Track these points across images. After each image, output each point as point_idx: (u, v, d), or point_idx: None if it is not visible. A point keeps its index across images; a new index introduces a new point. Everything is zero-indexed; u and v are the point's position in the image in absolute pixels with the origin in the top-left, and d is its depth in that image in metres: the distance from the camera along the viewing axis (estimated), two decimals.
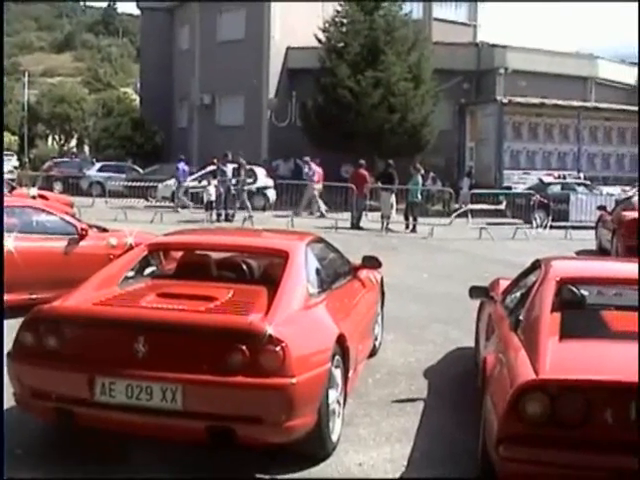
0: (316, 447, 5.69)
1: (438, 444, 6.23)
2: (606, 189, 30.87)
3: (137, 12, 59.22)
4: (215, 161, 28.25)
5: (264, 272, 6.98)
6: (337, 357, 5.96)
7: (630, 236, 17.33)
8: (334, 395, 5.87)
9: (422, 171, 27.33)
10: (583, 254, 19.52)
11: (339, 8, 36.16)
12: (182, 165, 30.95)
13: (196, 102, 44.52)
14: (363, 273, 8.29)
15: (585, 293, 6.79)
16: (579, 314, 6.03)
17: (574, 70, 42.19)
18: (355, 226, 24.81)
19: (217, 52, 42.80)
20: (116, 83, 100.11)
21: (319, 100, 34.55)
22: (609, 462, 4.51)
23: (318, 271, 6.91)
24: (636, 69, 48.04)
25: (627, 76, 46.67)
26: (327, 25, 35.92)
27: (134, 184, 32.37)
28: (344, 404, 6.26)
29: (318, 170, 28.23)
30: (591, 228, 22.36)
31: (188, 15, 46.84)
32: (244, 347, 5.12)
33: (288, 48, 41.03)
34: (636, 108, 39.55)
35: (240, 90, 41.79)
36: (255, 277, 6.95)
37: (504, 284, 8.08)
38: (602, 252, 19.63)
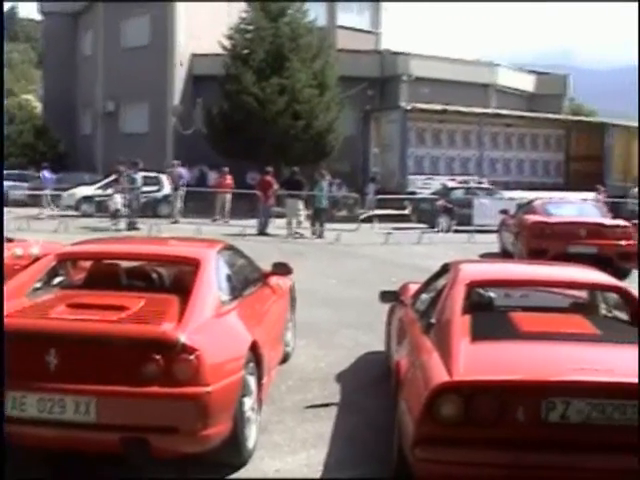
0: (232, 455, 5.68)
1: (353, 448, 6.27)
2: (508, 193, 31.51)
3: (39, 17, 57.97)
4: (120, 169, 27.84)
5: (175, 280, 6.92)
6: (251, 364, 5.96)
7: (532, 239, 17.71)
8: (249, 402, 5.87)
9: (328, 177, 27.51)
10: (487, 257, 19.89)
11: (244, 15, 36.09)
12: (46, 173, 30.76)
13: (100, 109, 43.93)
14: (273, 280, 8.29)
15: (493, 295, 6.94)
16: (488, 316, 6.15)
17: (475, 77, 43.01)
18: (262, 233, 24.80)
19: (121, 58, 42.29)
20: (17, 90, 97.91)
21: (224, 107, 34.42)
22: (523, 460, 4.60)
23: (229, 278, 6.88)
24: (533, 76, 49.24)
25: (526, 83, 47.80)
26: (232, 32, 35.81)
27: (37, 193, 31.73)
28: (259, 411, 6.26)
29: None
30: (494, 232, 22.75)
31: (92, 20, 46.17)
32: (157, 357, 5.06)
33: (193, 54, 40.80)
34: (534, 114, 40.60)
35: (144, 97, 41.38)
36: (166, 286, 6.88)
37: (414, 288, 8.16)
38: (505, 255, 20.00)
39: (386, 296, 7.76)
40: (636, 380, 4.76)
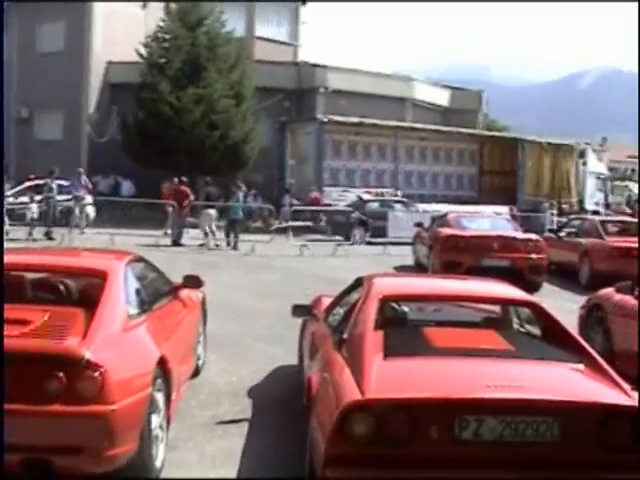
0: (139, 474, 5.50)
1: (263, 465, 6.18)
2: (422, 206, 31.81)
3: None
4: (32, 177, 27.21)
5: (82, 293, 6.70)
6: (159, 380, 5.81)
7: (446, 252, 17.87)
8: (157, 420, 5.72)
9: (243, 188, 27.39)
10: (402, 270, 20.02)
11: (162, 23, 35.76)
12: None
13: (13, 115, 42.97)
14: (184, 292, 8.14)
15: (406, 310, 6.92)
16: (402, 331, 6.12)
17: (392, 91, 43.34)
18: (176, 243, 24.53)
19: (36, 64, 41.37)
20: None
21: (140, 116, 34.00)
22: (438, 479, 4.56)
23: (138, 291, 6.72)
24: (448, 91, 49.89)
25: (441, 98, 48.37)
26: (149, 40, 35.44)
27: None
28: (167, 428, 6.11)
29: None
30: (408, 244, 22.91)
31: (6, 23, 45.13)
32: (61, 373, 4.89)
33: (109, 62, 40.24)
34: (449, 129, 41.10)
35: (59, 104, 40.57)
36: (73, 299, 6.65)
37: (326, 302, 8.10)
38: (419, 268, 20.15)
39: (298, 310, 7.68)
40: (547, 397, 4.78)
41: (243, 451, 6.44)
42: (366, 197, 32.31)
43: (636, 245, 18.58)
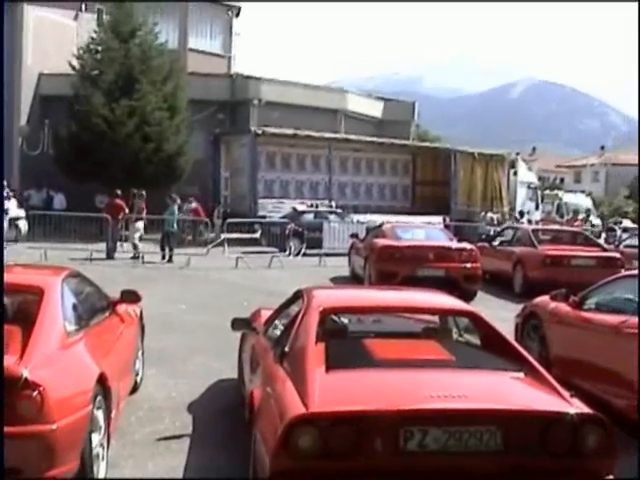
0: None
1: None
2: (357, 217, 31.95)
3: None
4: None
5: (18, 311, 6.57)
6: (99, 398, 5.74)
7: (382, 262, 17.97)
8: (97, 438, 5.64)
9: (178, 201, 27.23)
10: (338, 281, 20.08)
11: (94, 35, 35.37)
12: None
13: None
14: (122, 307, 8.06)
15: (346, 322, 6.93)
16: (343, 344, 6.12)
17: (325, 103, 43.48)
18: (110, 257, 24.26)
19: None
20: None
21: (72, 128, 33.53)
22: None
23: (75, 307, 6.63)
24: (381, 103, 50.22)
25: (374, 109, 48.65)
26: (81, 52, 35.00)
27: None
28: (108, 446, 6.02)
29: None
30: (344, 255, 23.01)
31: None
32: None
33: (41, 74, 39.66)
34: (382, 140, 41.39)
35: None
36: (8, 316, 6.53)
37: (266, 314, 8.08)
38: (355, 278, 20.24)
39: (238, 324, 7.64)
40: (490, 406, 4.83)
41: (185, 468, 6.38)
42: (301, 208, 32.32)
43: (568, 253, 18.97)
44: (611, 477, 4.87)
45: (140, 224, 25.62)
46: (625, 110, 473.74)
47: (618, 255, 19.75)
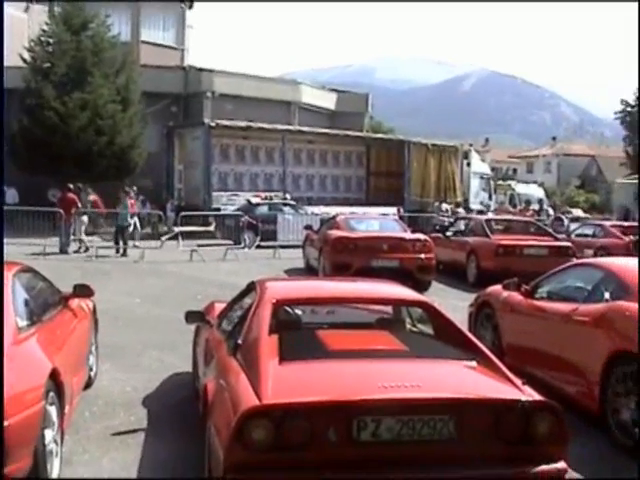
0: None
1: (162, 475, 6.09)
2: (311, 209, 32.00)
3: None
4: None
5: None
6: (51, 393, 5.66)
7: (336, 254, 18.00)
8: (50, 434, 5.57)
9: (132, 194, 27.07)
10: (292, 273, 20.10)
11: (45, 27, 34.94)
12: None
13: None
14: (75, 302, 8.00)
15: (300, 313, 6.94)
16: (296, 335, 6.14)
17: (279, 95, 43.46)
18: (64, 252, 24.05)
19: None
20: None
21: (24, 122, 33.16)
22: None
23: (27, 303, 6.56)
24: (335, 94, 50.27)
25: (328, 101, 48.70)
26: (32, 44, 34.58)
27: None
28: (62, 442, 5.97)
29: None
30: (298, 247, 23.03)
31: None
32: None
33: None
34: (336, 132, 41.45)
35: None
36: None
37: (219, 307, 8.06)
38: (310, 270, 20.27)
39: (191, 317, 7.61)
40: (442, 395, 4.88)
41: (140, 462, 6.35)
42: (255, 201, 32.31)
43: (520, 242, 19.18)
44: (563, 463, 4.94)
45: (85, 218, 25.48)
46: (576, 101, 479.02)
47: (569, 244, 19.99)
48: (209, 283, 17.67)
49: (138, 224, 27.51)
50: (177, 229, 26.67)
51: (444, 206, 36.14)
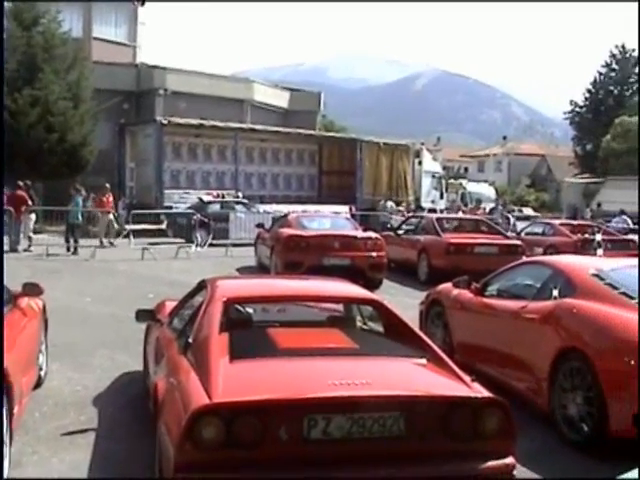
0: None
1: (112, 475, 6.07)
2: (263, 207, 32.00)
3: None
4: None
5: None
6: None
7: (287, 252, 18.02)
8: None
9: (83, 192, 26.87)
10: (244, 271, 20.07)
11: None
12: None
13: None
14: (24, 301, 7.91)
15: (251, 311, 6.95)
16: (247, 333, 6.15)
17: (232, 93, 43.42)
18: (14, 250, 23.78)
19: None
20: None
21: None
22: (287, 479, 4.60)
23: None
24: (287, 93, 50.31)
25: (280, 99, 48.71)
26: None
27: None
28: (10, 443, 5.91)
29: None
30: (250, 245, 23.00)
31: None
32: None
33: None
34: (288, 130, 41.48)
35: None
36: None
37: (170, 306, 8.04)
38: (262, 268, 20.26)
39: (142, 315, 7.59)
40: (392, 392, 4.92)
41: (91, 462, 6.31)
42: (207, 199, 32.22)
43: (471, 241, 19.35)
44: (511, 458, 5.00)
45: (33, 216, 25.25)
46: (526, 101, 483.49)
47: (519, 242, 20.23)
48: (161, 281, 17.59)
49: (114, 222, 27.32)
50: (129, 227, 26.51)
51: (389, 204, 36.27)
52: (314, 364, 5.30)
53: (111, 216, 27.38)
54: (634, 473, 2.48)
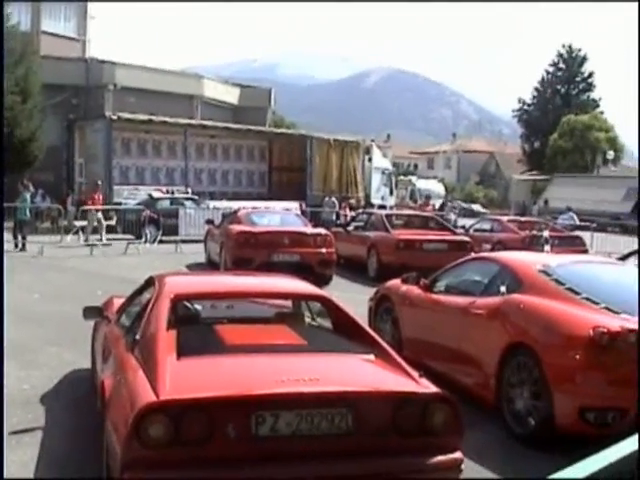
0: None
1: (60, 473, 6.01)
2: (213, 203, 31.88)
3: None
4: None
5: None
6: None
7: (237, 248, 18.00)
8: None
9: (31, 188, 26.56)
10: (194, 267, 20.01)
11: None
12: None
13: None
14: None
15: (199, 308, 6.93)
16: (195, 330, 6.13)
17: (182, 88, 43.25)
18: None
19: None
20: None
21: None
22: (234, 477, 4.60)
23: None
24: (238, 89, 50.21)
25: (231, 96, 48.57)
26: None
27: None
28: None
29: None
30: (200, 241, 22.93)
31: None
32: None
33: None
34: (238, 126, 41.38)
35: None
36: None
37: (118, 302, 7.98)
38: (211, 265, 20.20)
39: (90, 312, 7.52)
40: (340, 388, 4.94)
41: (38, 461, 6.25)
42: (157, 195, 32.05)
43: (420, 237, 19.48)
44: (459, 453, 5.05)
45: None
46: (476, 99, 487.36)
47: (468, 239, 20.40)
48: (110, 278, 17.46)
49: (102, 220, 27.00)
50: (78, 224, 26.27)
51: (332, 200, 36.31)
52: (262, 361, 5.30)
53: (100, 214, 27.02)
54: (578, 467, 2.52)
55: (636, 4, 71.14)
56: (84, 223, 26.29)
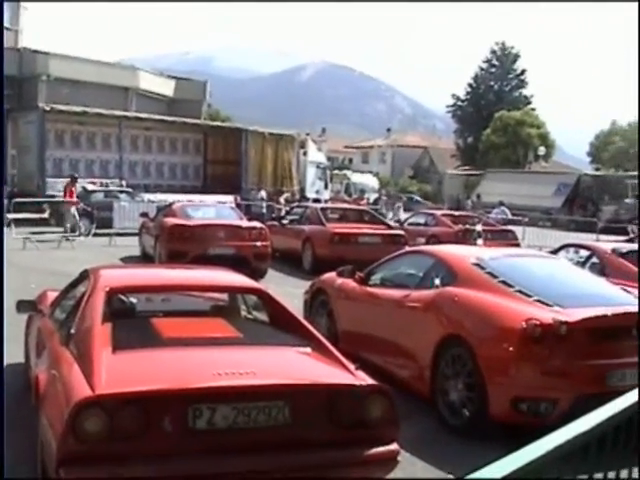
0: None
1: None
2: (147, 196, 31.62)
3: None
4: None
5: None
6: None
7: (172, 242, 17.91)
8: None
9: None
10: (129, 260, 19.83)
11: None
12: None
13: None
14: None
15: (134, 301, 6.88)
16: (131, 324, 6.10)
17: (116, 80, 42.83)
18: None
19: None
20: None
21: None
22: (172, 471, 4.58)
23: None
24: (173, 81, 49.87)
25: (166, 88, 48.22)
26: None
27: None
28: None
29: None
30: (135, 234, 22.73)
31: None
32: None
33: None
34: (173, 119, 41.11)
35: None
36: None
37: (52, 296, 7.89)
38: (146, 258, 20.05)
39: (23, 306, 7.43)
40: (277, 381, 4.96)
41: None
42: (91, 188, 31.70)
43: (355, 231, 19.59)
44: (395, 444, 5.10)
45: None
46: (410, 94, 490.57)
47: (402, 232, 20.55)
48: (43, 272, 17.21)
49: (77, 214, 26.47)
50: (10, 216, 25.85)
51: (261, 194, 36.26)
52: (198, 354, 5.30)
53: (73, 209, 26.55)
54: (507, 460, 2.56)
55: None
56: (18, 216, 25.85)
